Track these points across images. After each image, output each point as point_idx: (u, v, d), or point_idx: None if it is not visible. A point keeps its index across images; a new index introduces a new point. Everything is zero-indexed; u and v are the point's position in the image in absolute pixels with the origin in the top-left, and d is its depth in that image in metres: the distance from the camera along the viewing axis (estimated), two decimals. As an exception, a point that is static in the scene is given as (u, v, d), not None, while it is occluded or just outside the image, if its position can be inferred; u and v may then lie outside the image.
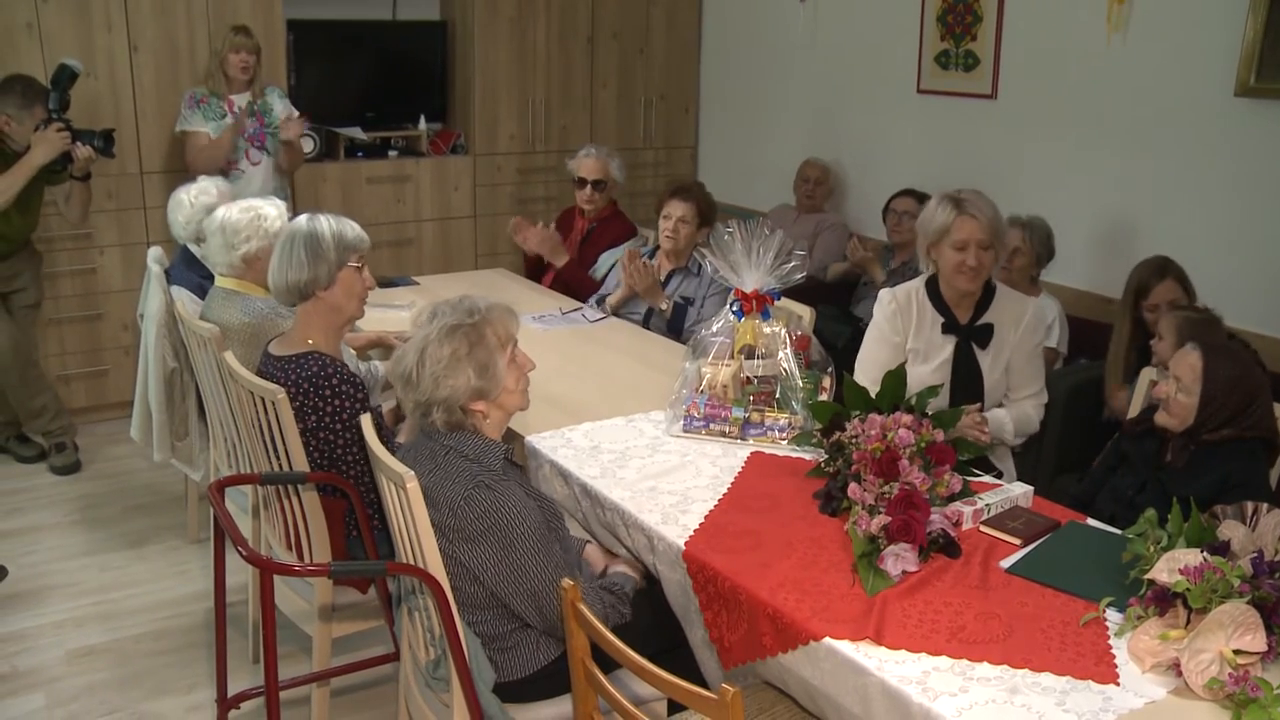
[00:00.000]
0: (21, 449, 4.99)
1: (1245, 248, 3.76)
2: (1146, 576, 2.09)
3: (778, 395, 3.02)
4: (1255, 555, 2.04)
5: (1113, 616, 2.15)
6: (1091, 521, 2.61)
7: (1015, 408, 3.32)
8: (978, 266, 3.16)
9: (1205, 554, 2.05)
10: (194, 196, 3.94)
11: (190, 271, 3.91)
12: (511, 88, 6.31)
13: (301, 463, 2.78)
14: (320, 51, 5.92)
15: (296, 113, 5.19)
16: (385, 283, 4.73)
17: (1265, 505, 2.19)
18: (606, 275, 4.63)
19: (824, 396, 3.03)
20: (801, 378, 3.02)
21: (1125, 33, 4.58)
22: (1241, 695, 1.85)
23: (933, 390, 2.78)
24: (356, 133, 5.97)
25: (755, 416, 3.00)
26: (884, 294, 3.36)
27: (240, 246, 3.43)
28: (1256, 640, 1.93)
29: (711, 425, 3.02)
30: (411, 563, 2.32)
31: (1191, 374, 2.69)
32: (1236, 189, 4.26)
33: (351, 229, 2.97)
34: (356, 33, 6.08)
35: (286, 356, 2.87)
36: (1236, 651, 1.92)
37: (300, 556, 2.89)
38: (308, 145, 5.56)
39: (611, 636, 1.90)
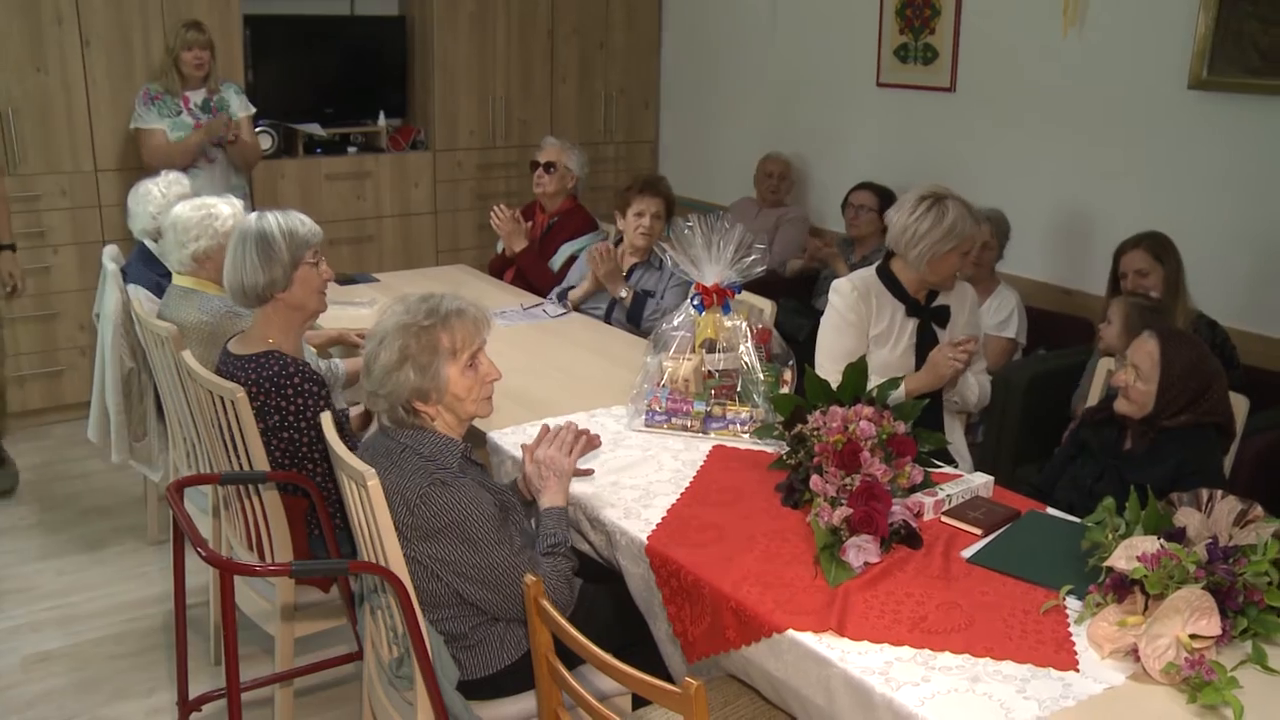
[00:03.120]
0: None
1: (1198, 238, 3.81)
2: (1105, 564, 2.11)
3: (739, 389, 3.02)
4: (1210, 541, 2.07)
5: (1072, 604, 2.17)
6: (1051, 510, 2.64)
7: (977, 378, 3.46)
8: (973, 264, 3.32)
9: (1162, 541, 2.08)
10: (164, 188, 3.90)
11: (148, 269, 3.87)
12: (471, 83, 6.28)
13: (262, 462, 2.75)
14: (278, 47, 5.87)
15: (235, 117, 5.12)
16: (346, 280, 4.71)
17: (1220, 492, 2.21)
18: (565, 268, 4.62)
19: (785, 389, 3.03)
20: (763, 371, 3.02)
21: (1081, 27, 4.62)
22: (1197, 679, 1.88)
23: (894, 382, 2.80)
24: (315, 129, 5.93)
25: (717, 410, 3.00)
26: (841, 283, 3.37)
27: (190, 245, 3.40)
28: (1211, 624, 1.95)
29: (673, 419, 3.02)
30: (374, 561, 2.31)
31: (1149, 361, 2.72)
32: (1189, 181, 4.31)
33: (302, 224, 2.93)
34: (315, 28, 6.04)
35: (247, 356, 2.85)
36: (1192, 636, 1.94)
37: (262, 556, 2.87)
38: (265, 142, 5.52)
39: (575, 632, 1.90)
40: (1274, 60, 4.00)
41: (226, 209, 3.49)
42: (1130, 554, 2.06)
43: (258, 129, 5.40)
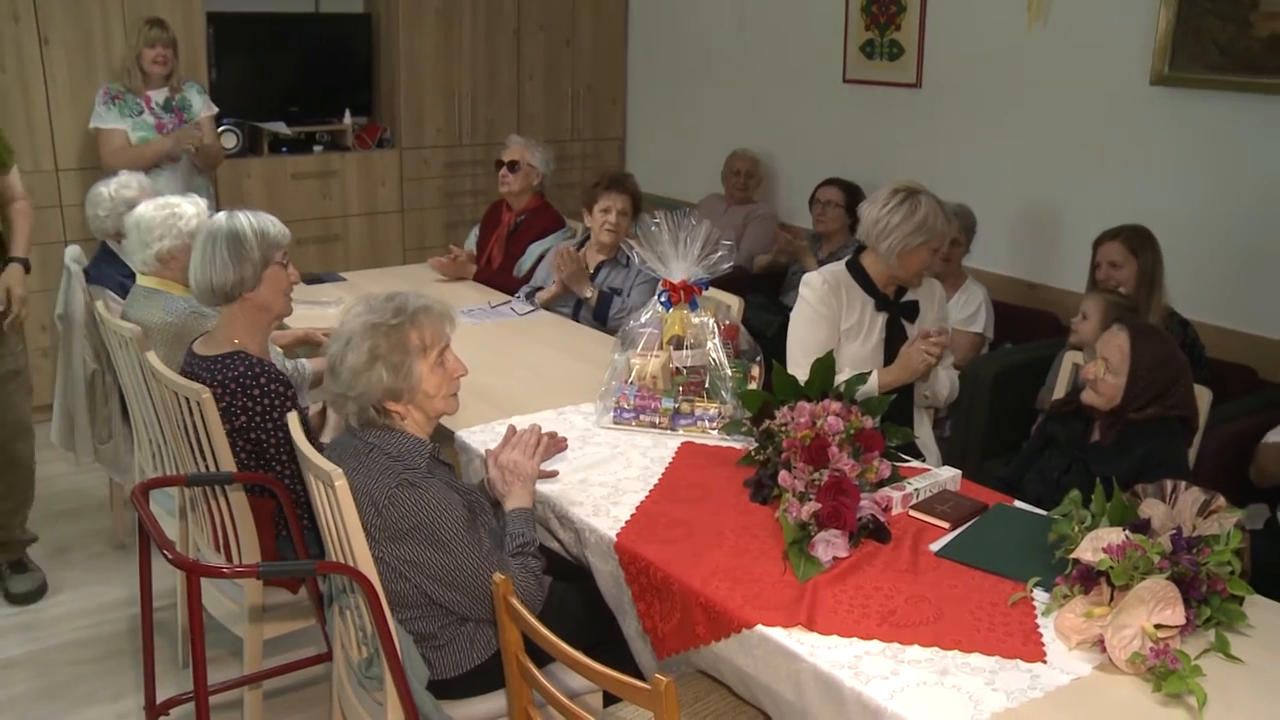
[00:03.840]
0: None
1: (1161, 232, 3.83)
2: (1071, 556, 2.13)
3: (707, 385, 3.03)
4: (1174, 532, 2.09)
5: (1040, 596, 2.19)
6: (1018, 503, 2.66)
7: (947, 373, 3.47)
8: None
9: (1127, 532, 2.09)
10: (114, 190, 3.88)
11: (110, 268, 3.84)
12: (437, 81, 6.26)
13: (229, 463, 2.74)
14: (241, 45, 5.82)
15: (198, 116, 5.07)
16: (312, 279, 4.68)
17: (1184, 483, 2.23)
18: (533, 269, 4.61)
19: (753, 385, 3.04)
20: (730, 367, 3.03)
21: (1045, 22, 4.65)
22: (1162, 668, 1.90)
23: (861, 377, 2.81)
24: (280, 128, 5.89)
25: (685, 407, 3.00)
26: (812, 276, 3.38)
27: (154, 244, 3.37)
28: (1175, 614, 1.97)
29: (641, 416, 3.02)
30: (342, 561, 2.30)
31: (1119, 354, 2.74)
32: (1153, 175, 4.35)
33: (273, 225, 2.92)
34: (279, 26, 5.99)
35: (212, 356, 2.83)
36: (1157, 626, 1.96)
37: (229, 558, 2.85)
38: (230, 141, 5.47)
39: (544, 630, 1.90)
40: (1233, 56, 4.04)
41: (190, 208, 3.46)
42: (1096, 546, 2.08)
43: (221, 128, 5.36)
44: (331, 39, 6.16)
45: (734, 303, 3.84)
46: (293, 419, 2.51)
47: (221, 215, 2.91)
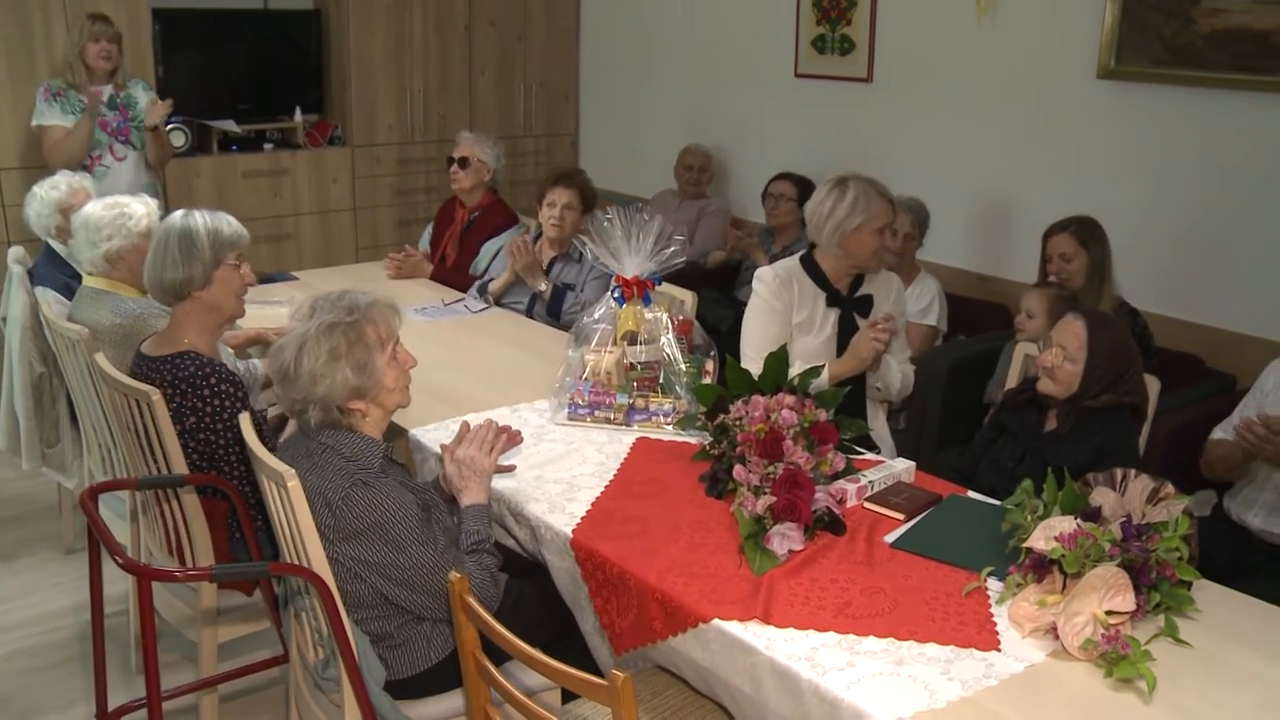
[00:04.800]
0: None
1: (1110, 224, 3.88)
2: (1024, 545, 2.15)
3: (661, 380, 3.03)
4: (1124, 519, 2.11)
5: (993, 585, 2.21)
6: (972, 494, 2.68)
7: (900, 366, 3.47)
8: (890, 247, 3.35)
9: (1079, 521, 2.12)
10: (45, 190, 3.84)
11: (54, 269, 3.78)
12: (389, 77, 6.22)
13: (180, 465, 2.71)
14: (189, 42, 5.76)
15: (142, 102, 4.99)
16: (264, 279, 4.62)
17: (1134, 471, 2.26)
18: (488, 268, 4.59)
19: (707, 380, 3.04)
20: (685, 362, 3.03)
21: (994, 16, 4.69)
22: (1113, 653, 1.92)
23: (815, 370, 2.82)
24: (230, 125, 5.83)
25: (640, 402, 3.01)
26: (764, 271, 3.40)
27: (102, 245, 3.32)
28: (1126, 600, 2.00)
29: (596, 412, 3.01)
30: (296, 563, 2.28)
31: (1077, 342, 2.76)
32: (1100, 168, 4.41)
33: (229, 224, 2.90)
34: (227, 22, 5.93)
35: (161, 357, 2.80)
36: (1108, 612, 1.99)
37: (182, 561, 2.82)
38: (179, 139, 5.40)
39: (501, 628, 1.89)
40: (1176, 51, 4.11)
41: (140, 208, 3.42)
42: (1048, 534, 2.10)
43: (170, 126, 5.28)
44: (281, 35, 6.11)
45: (687, 298, 3.84)
46: (245, 419, 2.48)
47: (178, 214, 2.89)
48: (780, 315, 3.34)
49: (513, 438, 2.75)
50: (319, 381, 2.29)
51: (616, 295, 3.07)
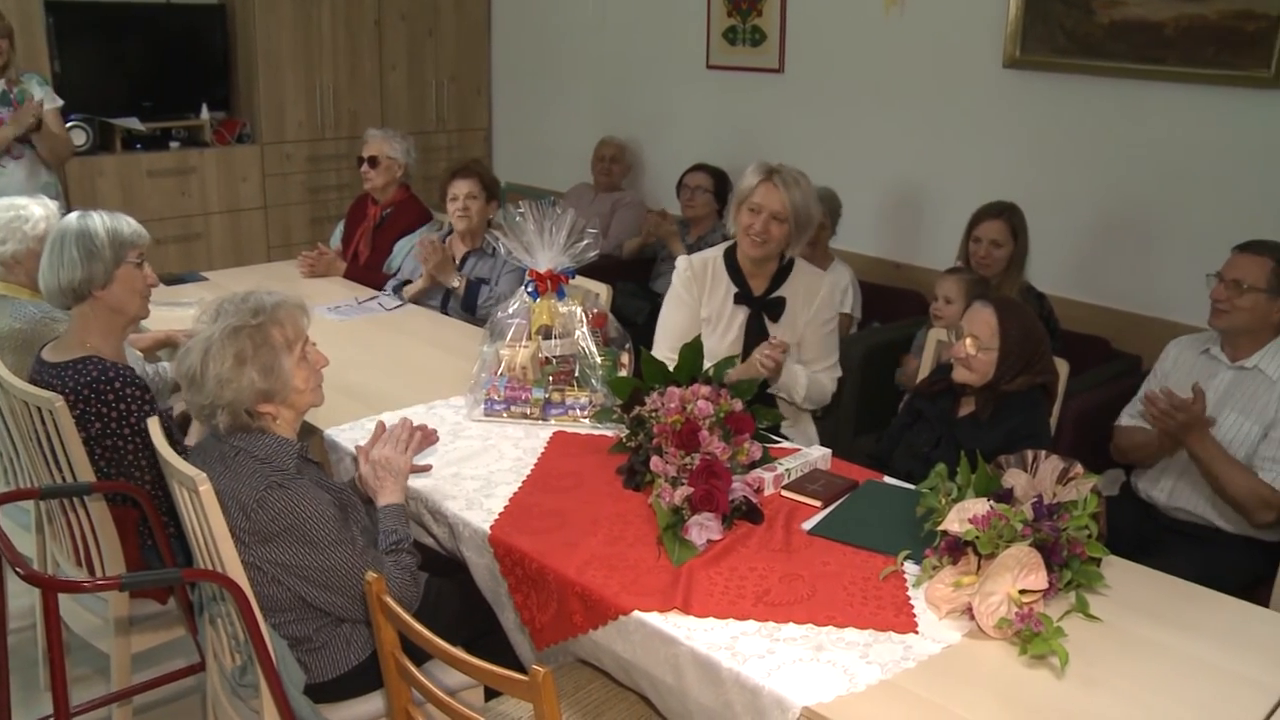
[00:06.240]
0: None
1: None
2: (939, 528, 2.18)
3: (577, 374, 3.02)
4: (1036, 500, 2.15)
5: (910, 569, 2.24)
6: (888, 479, 2.71)
7: (810, 375, 3.39)
8: (763, 233, 3.24)
9: (991, 502, 2.15)
10: None
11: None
12: (297, 73, 6.14)
13: (87, 473, 2.64)
14: (86, 35, 5.61)
15: (36, 96, 4.85)
16: (173, 280, 4.53)
17: (1044, 452, 2.30)
18: (402, 265, 4.54)
19: (623, 372, 3.04)
20: (600, 355, 3.03)
21: (902, 7, 4.75)
22: (1027, 631, 1.96)
23: (729, 361, 2.83)
24: (133, 123, 5.70)
25: (555, 396, 2.99)
26: (681, 260, 3.42)
27: (-2, 248, 3.22)
28: (1039, 579, 2.03)
29: (512, 407, 3.00)
30: (210, 568, 2.23)
31: (988, 330, 2.79)
32: (1007, 155, 4.49)
33: (128, 224, 2.84)
34: (126, 15, 5.80)
35: (63, 362, 2.72)
36: (1022, 591, 2.02)
37: (91, 571, 2.75)
38: (79, 138, 5.27)
39: (420, 627, 1.88)
40: (1077, 41, 4.20)
41: (39, 210, 3.31)
42: (962, 517, 2.13)
43: (69, 124, 5.15)
44: (184, 30, 5.98)
45: (602, 291, 3.84)
46: (153, 424, 2.43)
47: (73, 215, 2.83)
48: (688, 307, 3.35)
49: (428, 436, 2.72)
50: (226, 386, 2.26)
51: (530, 289, 3.05)
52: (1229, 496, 2.95)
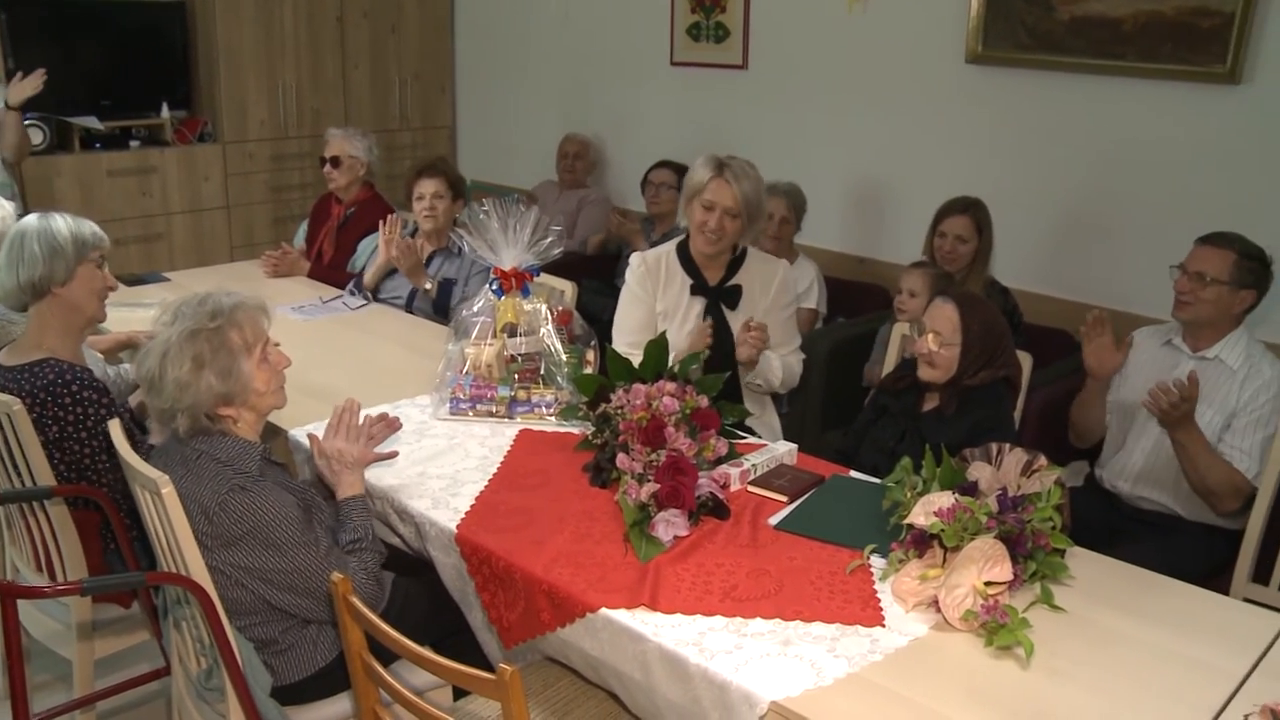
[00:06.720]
0: None
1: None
2: (905, 521, 2.19)
3: (542, 371, 3.01)
4: (1000, 492, 2.16)
5: (877, 562, 2.25)
6: (854, 473, 2.71)
7: (781, 360, 3.41)
8: (718, 230, 3.24)
9: (956, 495, 2.16)
10: None
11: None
12: (259, 71, 6.09)
13: (47, 476, 2.61)
14: (42, 33, 5.53)
15: None
16: (134, 280, 4.48)
17: (1008, 445, 2.31)
18: (366, 265, 4.52)
19: (589, 370, 3.04)
20: (565, 352, 3.02)
21: (865, 3, 4.76)
22: (993, 623, 1.98)
23: (694, 357, 2.83)
24: (92, 122, 5.63)
25: (521, 394, 2.99)
26: (634, 257, 3.42)
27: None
28: (1004, 570, 2.04)
29: (478, 406, 2.99)
30: (174, 571, 2.21)
31: (950, 326, 2.80)
32: (970, 150, 4.51)
33: (90, 227, 2.83)
34: (83, 12, 5.70)
35: (19, 365, 2.69)
36: (987, 583, 2.03)
37: (52, 576, 2.72)
38: (36, 136, 5.20)
39: (386, 628, 1.87)
40: (1038, 37, 4.24)
41: (-3, 210, 3.28)
42: (928, 510, 2.14)
43: (26, 122, 5.08)
44: (143, 28, 5.91)
45: (567, 288, 3.83)
46: (114, 426, 2.40)
47: (33, 216, 2.81)
48: (643, 303, 3.35)
49: (390, 424, 2.70)
50: (185, 390, 2.24)
51: (495, 287, 3.05)
52: (1204, 484, 2.98)
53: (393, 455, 2.68)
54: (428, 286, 4.15)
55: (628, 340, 3.29)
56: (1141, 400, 3.01)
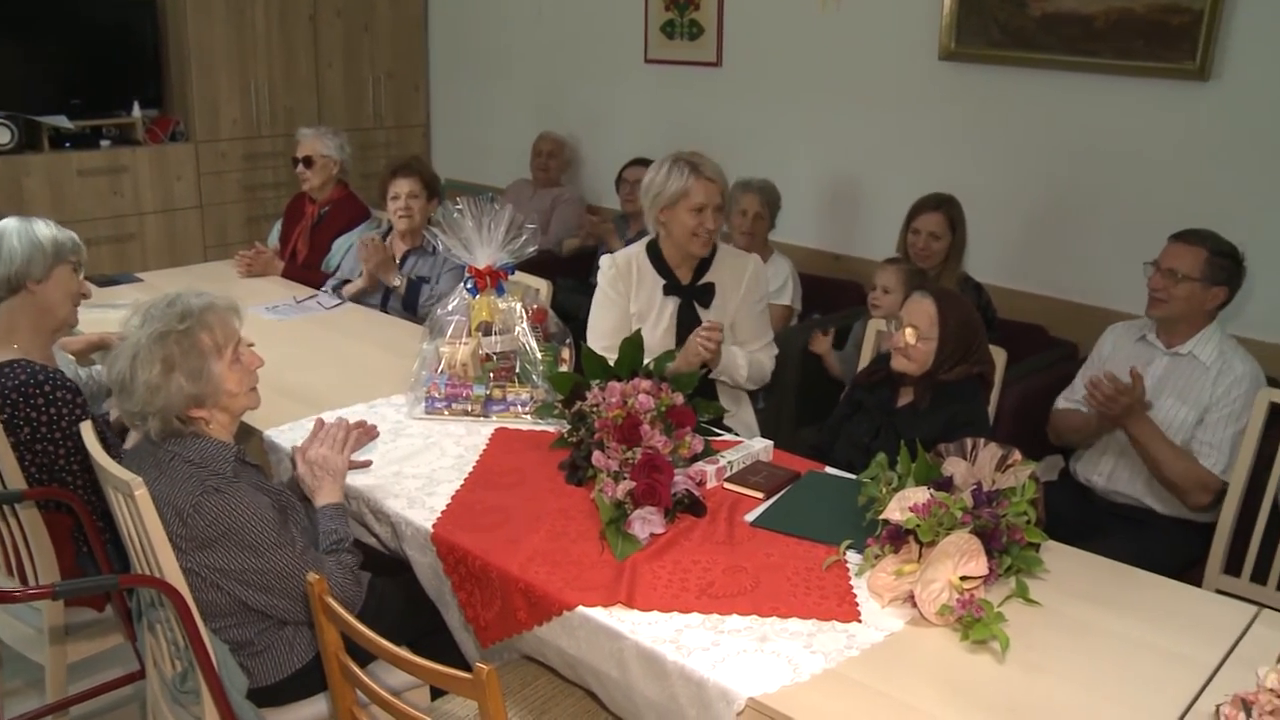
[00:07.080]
0: None
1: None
2: (881, 517, 2.20)
3: (518, 370, 3.01)
4: (975, 487, 2.17)
5: (853, 558, 2.26)
6: (829, 469, 2.72)
7: (748, 356, 3.41)
8: (714, 229, 3.26)
9: (932, 490, 2.17)
10: None
11: None
12: (231, 69, 6.05)
13: (17, 480, 2.59)
14: (7, 29, 5.47)
15: None
16: (106, 281, 4.45)
17: (983, 440, 2.32)
18: (340, 264, 4.50)
19: (564, 368, 3.04)
20: (540, 351, 3.01)
21: (838, 1, 4.77)
22: (968, 617, 1.98)
23: (669, 355, 2.83)
24: (61, 121, 5.58)
25: (497, 393, 2.98)
26: (604, 260, 3.41)
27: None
28: (979, 565, 2.05)
29: (454, 405, 2.98)
30: (148, 573, 2.20)
31: (928, 320, 2.81)
32: (944, 146, 4.53)
33: (70, 235, 2.85)
34: (49, 9, 5.63)
35: (-10, 366, 2.66)
36: (963, 578, 2.04)
37: (24, 580, 2.70)
38: (4, 136, 5.15)
39: (362, 628, 1.86)
40: (1011, 34, 4.25)
41: (-36, 212, 3.25)
42: (903, 505, 2.15)
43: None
44: (113, 26, 5.85)
45: (542, 286, 3.83)
46: (86, 428, 2.38)
47: (13, 219, 2.81)
48: (617, 305, 3.34)
49: (367, 432, 2.70)
50: (155, 393, 2.22)
51: (469, 286, 3.04)
52: (1166, 478, 3.01)
53: (367, 464, 2.67)
54: (396, 283, 4.14)
55: (603, 344, 3.27)
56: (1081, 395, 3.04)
